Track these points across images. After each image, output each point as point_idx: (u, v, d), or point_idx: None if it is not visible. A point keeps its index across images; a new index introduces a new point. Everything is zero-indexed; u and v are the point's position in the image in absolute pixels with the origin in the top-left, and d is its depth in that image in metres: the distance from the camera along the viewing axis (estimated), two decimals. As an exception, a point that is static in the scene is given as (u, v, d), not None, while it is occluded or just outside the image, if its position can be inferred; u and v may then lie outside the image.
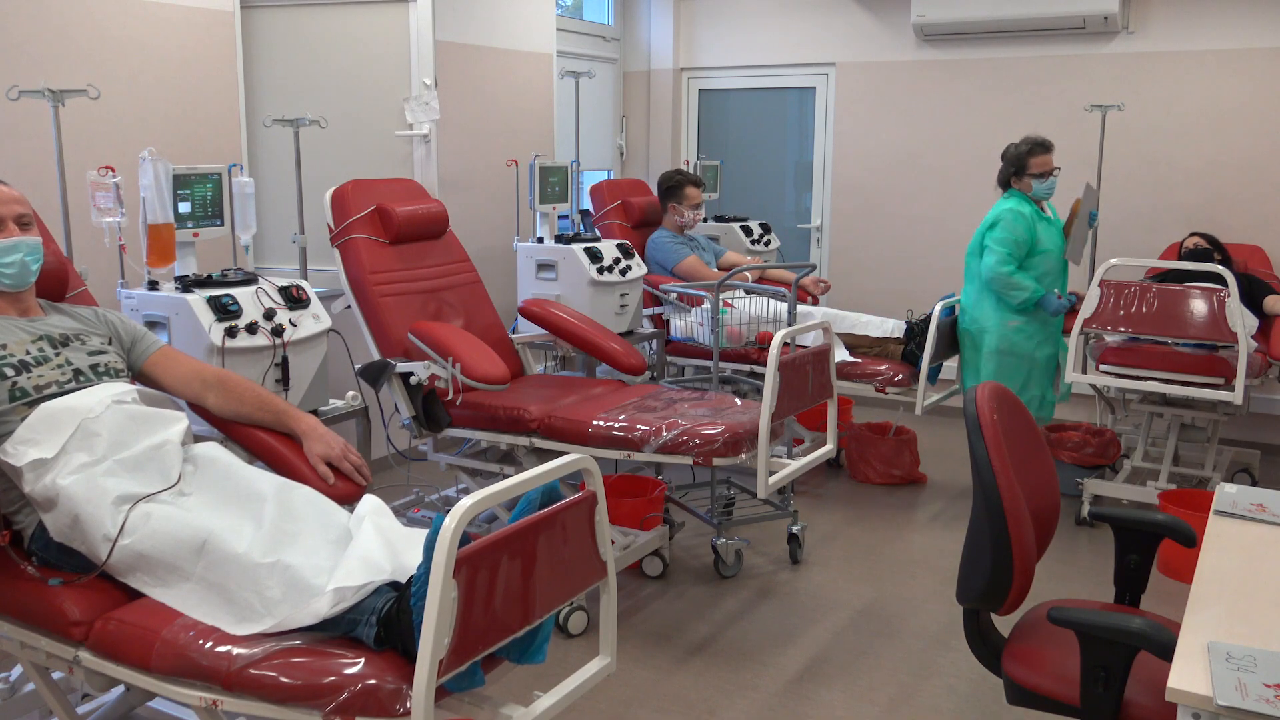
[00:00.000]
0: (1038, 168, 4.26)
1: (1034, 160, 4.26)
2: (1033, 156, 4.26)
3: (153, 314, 2.84)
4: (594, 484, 1.91)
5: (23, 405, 2.13)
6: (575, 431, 3.27)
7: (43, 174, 3.06)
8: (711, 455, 3.09)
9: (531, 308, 3.94)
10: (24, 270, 2.29)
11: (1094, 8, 5.23)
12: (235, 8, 3.99)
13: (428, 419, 3.42)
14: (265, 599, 1.86)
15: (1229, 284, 3.88)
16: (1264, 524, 2.15)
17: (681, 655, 3.19)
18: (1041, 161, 4.26)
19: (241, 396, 2.45)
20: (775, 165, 6.67)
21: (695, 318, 4.49)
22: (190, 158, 3.72)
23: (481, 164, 5.01)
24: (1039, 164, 4.26)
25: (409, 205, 3.71)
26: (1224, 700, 1.43)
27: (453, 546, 1.54)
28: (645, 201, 5.14)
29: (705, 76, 6.64)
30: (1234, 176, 5.26)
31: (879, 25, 6.01)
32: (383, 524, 2.01)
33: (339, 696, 1.70)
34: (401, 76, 4.41)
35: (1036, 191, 4.27)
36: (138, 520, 1.99)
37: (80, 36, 3.47)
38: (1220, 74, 5.25)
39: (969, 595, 2.13)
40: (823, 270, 6.32)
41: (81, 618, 1.97)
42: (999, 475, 1.99)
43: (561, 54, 5.65)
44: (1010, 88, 5.70)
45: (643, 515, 3.71)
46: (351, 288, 3.58)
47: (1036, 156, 4.26)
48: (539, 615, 1.79)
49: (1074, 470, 4.38)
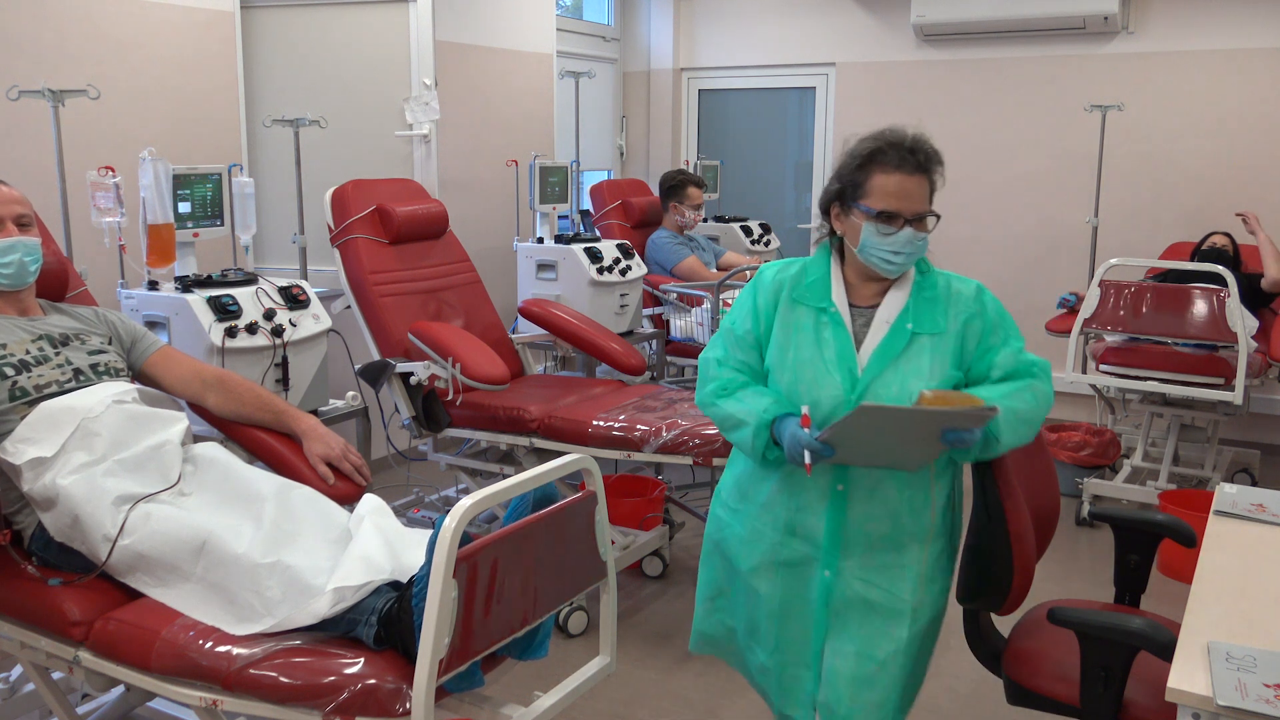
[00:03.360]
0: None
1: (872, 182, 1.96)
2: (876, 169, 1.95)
3: (153, 314, 2.84)
4: (594, 484, 1.91)
5: (23, 404, 2.14)
6: (575, 431, 3.27)
7: (43, 174, 3.05)
8: (711, 455, 3.09)
9: (531, 308, 3.94)
10: (21, 270, 2.29)
11: (1094, 8, 5.23)
12: (235, 8, 3.98)
13: (428, 419, 3.42)
14: (265, 599, 1.86)
15: (1229, 284, 3.88)
16: (1264, 524, 2.15)
17: (681, 655, 3.19)
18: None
19: (241, 396, 2.46)
20: (775, 165, 6.66)
21: (695, 318, 4.49)
22: (190, 158, 3.72)
23: (481, 164, 5.01)
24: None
25: (409, 205, 3.71)
26: (1224, 700, 1.43)
27: (453, 546, 1.54)
28: (645, 201, 5.14)
29: (705, 76, 6.64)
30: (1234, 176, 5.26)
31: (879, 25, 6.01)
32: (383, 524, 2.01)
33: (339, 696, 1.70)
34: (401, 76, 4.40)
35: (866, 249, 1.94)
36: (138, 520, 1.99)
37: (80, 36, 3.47)
38: (1220, 74, 5.25)
39: (969, 595, 2.13)
40: (823, 270, 6.31)
41: (81, 618, 1.97)
42: (999, 476, 1.99)
43: (561, 54, 5.65)
44: (1010, 88, 5.70)
45: (643, 515, 3.71)
46: (351, 288, 3.58)
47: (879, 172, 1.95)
48: (539, 615, 1.79)
49: (1074, 470, 4.38)
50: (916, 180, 1.89)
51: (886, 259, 1.90)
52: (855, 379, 1.89)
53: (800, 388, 1.91)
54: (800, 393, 1.91)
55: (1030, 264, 5.72)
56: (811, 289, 1.97)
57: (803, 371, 1.92)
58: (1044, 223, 5.68)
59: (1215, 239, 4.65)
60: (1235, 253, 4.59)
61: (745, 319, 2.01)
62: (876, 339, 1.92)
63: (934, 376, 1.89)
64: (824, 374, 1.90)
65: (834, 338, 1.92)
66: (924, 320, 1.93)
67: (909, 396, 1.86)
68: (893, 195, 1.88)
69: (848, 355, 1.91)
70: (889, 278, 1.96)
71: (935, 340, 1.92)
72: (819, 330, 1.93)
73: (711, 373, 2.03)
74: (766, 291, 1.99)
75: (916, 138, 1.91)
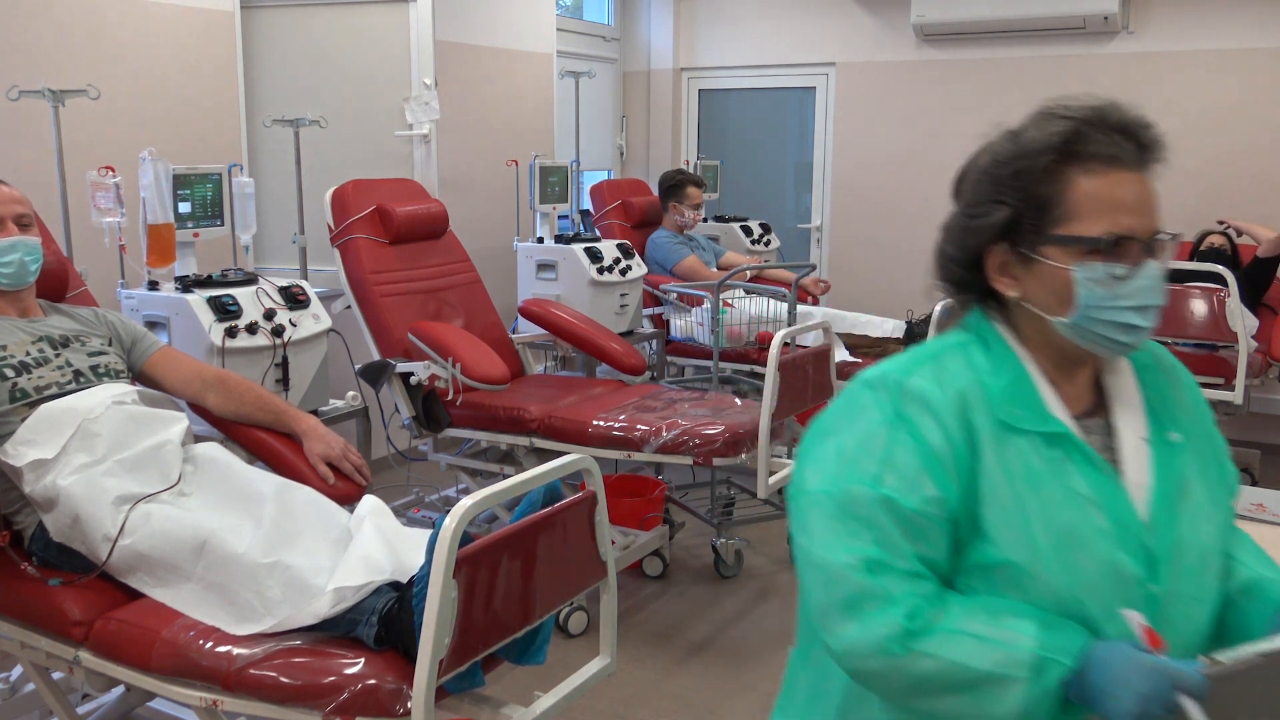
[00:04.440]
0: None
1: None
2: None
3: (153, 314, 2.84)
4: (594, 484, 1.91)
5: (23, 406, 2.14)
6: (575, 431, 3.27)
7: (43, 174, 3.05)
8: (711, 455, 3.09)
9: (531, 308, 3.94)
10: (22, 270, 2.29)
11: (1094, 8, 5.23)
12: (235, 8, 3.98)
13: (428, 419, 3.42)
14: (265, 599, 1.86)
15: (1229, 284, 3.88)
16: (1264, 524, 2.15)
17: (681, 655, 3.19)
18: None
19: (241, 396, 2.46)
20: (775, 165, 6.66)
21: (695, 318, 4.49)
22: (190, 158, 3.72)
23: (481, 164, 5.01)
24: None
25: (409, 205, 3.71)
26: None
27: (453, 546, 1.54)
28: (645, 201, 5.14)
29: (705, 76, 6.64)
30: (1233, 176, 5.26)
31: (879, 25, 6.01)
32: (383, 524, 2.01)
33: (339, 696, 1.70)
34: (401, 76, 4.40)
35: (1090, 312, 1.17)
36: (138, 520, 1.99)
37: (80, 36, 3.46)
38: (1220, 74, 5.25)
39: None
40: (823, 270, 6.32)
41: (81, 618, 1.97)
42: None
43: (561, 54, 5.65)
44: (1010, 88, 5.69)
45: (643, 515, 3.70)
46: (352, 288, 3.58)
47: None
48: (539, 615, 1.79)
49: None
50: (1141, 180, 1.18)
51: (1129, 324, 1.14)
52: (1146, 550, 1.13)
53: (1060, 578, 1.10)
54: (1060, 586, 1.10)
55: (1030, 264, 5.72)
56: (1014, 401, 1.16)
57: (1066, 552, 1.10)
58: (1044, 223, 5.68)
59: (1214, 239, 4.66)
60: (1234, 252, 4.59)
61: (918, 477, 1.11)
62: (1141, 472, 1.16)
63: (1225, 514, 1.22)
64: (1099, 549, 1.11)
65: (1089, 483, 1.13)
66: (1178, 420, 1.22)
67: (1221, 569, 1.19)
68: (1120, 206, 1.14)
69: (1121, 509, 1.13)
70: (1115, 357, 1.20)
71: (1199, 453, 1.22)
72: (1059, 473, 1.13)
73: (869, 593, 1.09)
74: (944, 415, 1.13)
75: (1123, 108, 1.22)
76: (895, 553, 1.10)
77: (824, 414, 1.23)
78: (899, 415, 1.14)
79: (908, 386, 1.15)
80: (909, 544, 1.10)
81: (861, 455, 1.13)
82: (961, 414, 1.13)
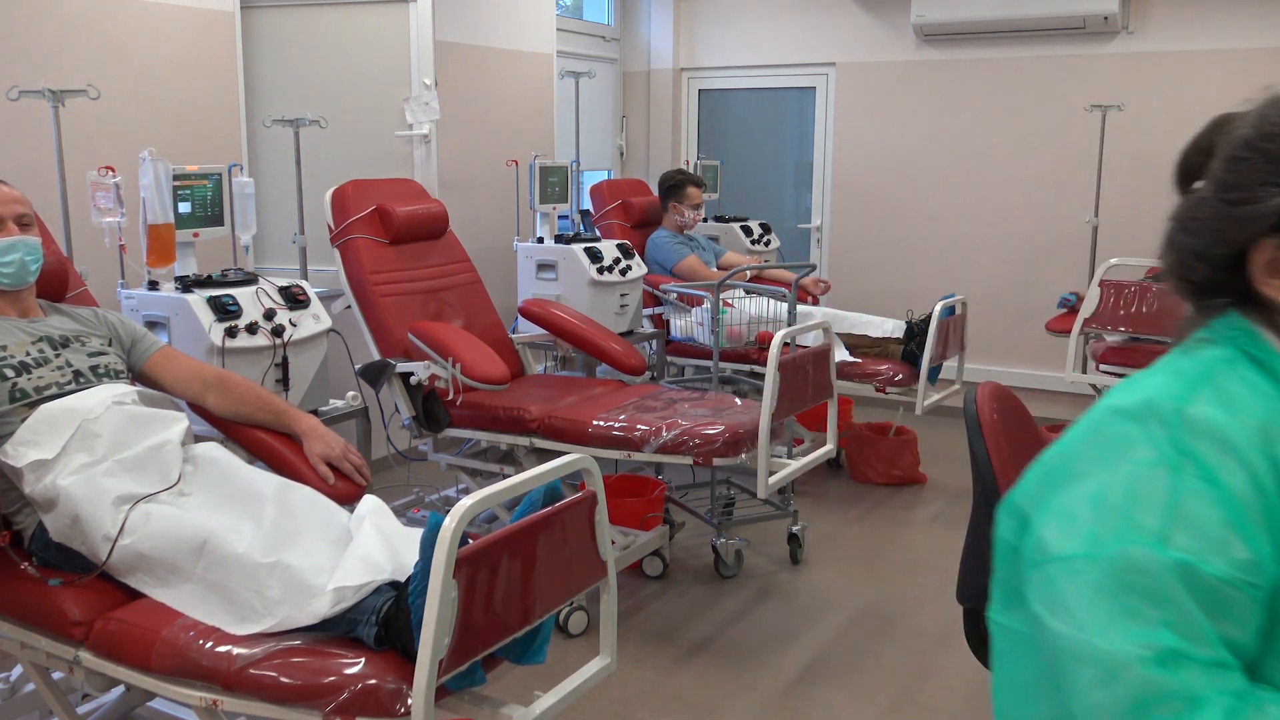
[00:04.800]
0: None
1: None
2: None
3: (153, 314, 2.84)
4: (594, 484, 1.91)
5: (23, 406, 2.14)
6: (575, 431, 3.27)
7: (43, 174, 3.05)
8: (711, 455, 3.09)
9: (531, 308, 3.94)
10: (22, 270, 2.29)
11: (1094, 8, 5.23)
12: (235, 8, 3.98)
13: (428, 419, 3.42)
14: (265, 599, 1.86)
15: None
16: None
17: (682, 655, 3.19)
18: None
19: (241, 396, 2.46)
20: (775, 165, 6.66)
21: (695, 318, 4.49)
22: (190, 158, 3.71)
23: (481, 164, 5.01)
24: None
25: (409, 205, 3.71)
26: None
27: (453, 546, 1.54)
28: (645, 201, 5.14)
29: (705, 76, 6.64)
30: (1234, 176, 5.25)
31: (879, 25, 6.01)
32: (383, 524, 2.01)
33: (339, 696, 1.70)
34: (401, 76, 4.41)
35: None
36: (138, 520, 1.99)
37: (80, 36, 3.46)
38: (1220, 74, 5.25)
39: (969, 595, 2.13)
40: (823, 270, 6.32)
41: (81, 618, 1.97)
42: (999, 475, 1.99)
43: (561, 54, 5.65)
44: (1010, 88, 5.70)
45: (643, 515, 3.70)
46: (351, 288, 3.58)
47: None
48: (539, 615, 1.79)
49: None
50: None
51: None
52: None
53: None
54: None
55: (1030, 264, 5.72)
56: None
57: None
58: (1044, 223, 5.68)
59: None
60: None
61: (1222, 535, 0.85)
62: None
63: None
64: None
65: None
66: None
67: None
68: None
69: None
70: None
71: None
72: None
73: (1167, 692, 0.83)
74: (1247, 454, 0.88)
75: None
76: (1195, 637, 0.83)
77: (1058, 451, 0.98)
78: (1182, 453, 0.87)
79: (1191, 416, 0.88)
80: (1211, 624, 0.84)
81: (1134, 507, 0.87)
82: (1268, 452, 0.87)
